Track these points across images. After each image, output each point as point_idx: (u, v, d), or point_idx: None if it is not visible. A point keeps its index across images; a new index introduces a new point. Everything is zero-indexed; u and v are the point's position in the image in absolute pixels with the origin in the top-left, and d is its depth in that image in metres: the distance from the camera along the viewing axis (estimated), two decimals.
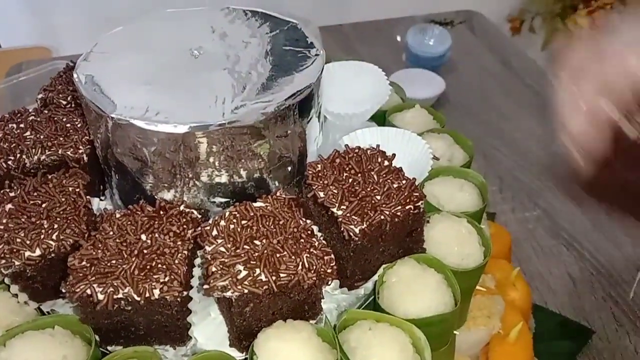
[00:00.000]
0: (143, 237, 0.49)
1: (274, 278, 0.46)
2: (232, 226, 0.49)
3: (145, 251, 0.48)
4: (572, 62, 0.55)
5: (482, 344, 0.63)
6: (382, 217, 0.50)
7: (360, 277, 0.53)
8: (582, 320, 0.82)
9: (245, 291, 0.45)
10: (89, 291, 0.45)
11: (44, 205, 0.52)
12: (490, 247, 0.56)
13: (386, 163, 0.55)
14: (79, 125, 0.61)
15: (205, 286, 0.46)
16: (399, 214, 0.50)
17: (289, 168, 0.56)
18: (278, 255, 0.47)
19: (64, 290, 0.46)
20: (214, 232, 0.49)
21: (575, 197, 0.99)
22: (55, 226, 0.50)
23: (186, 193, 0.54)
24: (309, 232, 0.49)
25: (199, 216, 0.53)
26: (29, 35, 1.48)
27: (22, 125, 0.60)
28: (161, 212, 0.51)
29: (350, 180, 0.53)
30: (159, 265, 0.47)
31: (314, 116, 0.58)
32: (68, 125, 0.61)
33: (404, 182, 0.53)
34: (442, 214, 0.58)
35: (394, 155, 0.56)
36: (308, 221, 0.51)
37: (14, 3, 1.45)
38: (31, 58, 1.27)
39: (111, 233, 0.49)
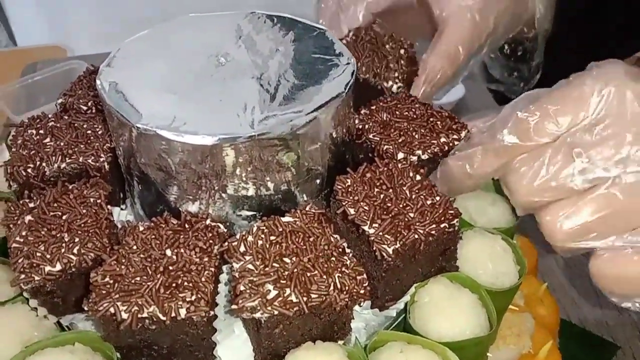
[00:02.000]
0: (168, 252, 0.47)
1: (304, 299, 0.44)
2: (260, 242, 0.47)
3: (170, 268, 0.46)
4: None
5: None
6: (416, 236, 0.48)
7: (392, 297, 0.51)
8: (605, 335, 0.80)
9: (275, 312, 0.43)
10: (112, 310, 0.43)
11: (64, 217, 0.50)
12: (526, 266, 0.54)
13: (418, 178, 0.53)
14: (99, 132, 0.59)
15: (234, 306, 0.44)
16: (433, 232, 0.48)
17: (318, 181, 0.54)
18: (309, 274, 0.45)
19: (86, 308, 0.45)
20: (242, 249, 0.47)
21: None
22: (77, 240, 0.48)
23: (211, 205, 0.52)
24: (341, 249, 0.47)
25: (225, 230, 0.51)
26: (43, 34, 1.47)
27: (41, 132, 0.59)
28: (186, 226, 0.49)
29: (382, 196, 0.51)
30: (185, 283, 0.45)
31: None
32: (89, 132, 0.59)
33: (437, 198, 0.51)
34: (476, 230, 0.55)
35: (425, 169, 0.54)
36: (339, 238, 0.49)
37: (29, 2, 1.44)
38: (46, 57, 1.26)
39: (135, 248, 0.47)
